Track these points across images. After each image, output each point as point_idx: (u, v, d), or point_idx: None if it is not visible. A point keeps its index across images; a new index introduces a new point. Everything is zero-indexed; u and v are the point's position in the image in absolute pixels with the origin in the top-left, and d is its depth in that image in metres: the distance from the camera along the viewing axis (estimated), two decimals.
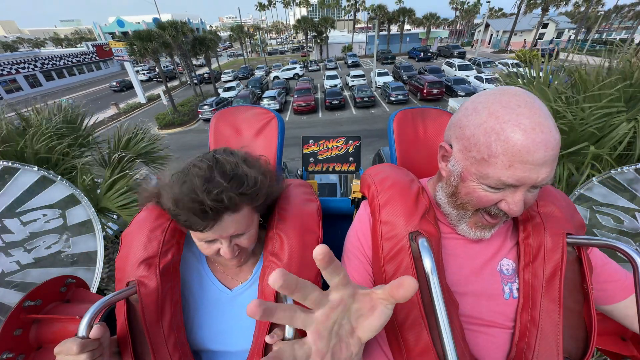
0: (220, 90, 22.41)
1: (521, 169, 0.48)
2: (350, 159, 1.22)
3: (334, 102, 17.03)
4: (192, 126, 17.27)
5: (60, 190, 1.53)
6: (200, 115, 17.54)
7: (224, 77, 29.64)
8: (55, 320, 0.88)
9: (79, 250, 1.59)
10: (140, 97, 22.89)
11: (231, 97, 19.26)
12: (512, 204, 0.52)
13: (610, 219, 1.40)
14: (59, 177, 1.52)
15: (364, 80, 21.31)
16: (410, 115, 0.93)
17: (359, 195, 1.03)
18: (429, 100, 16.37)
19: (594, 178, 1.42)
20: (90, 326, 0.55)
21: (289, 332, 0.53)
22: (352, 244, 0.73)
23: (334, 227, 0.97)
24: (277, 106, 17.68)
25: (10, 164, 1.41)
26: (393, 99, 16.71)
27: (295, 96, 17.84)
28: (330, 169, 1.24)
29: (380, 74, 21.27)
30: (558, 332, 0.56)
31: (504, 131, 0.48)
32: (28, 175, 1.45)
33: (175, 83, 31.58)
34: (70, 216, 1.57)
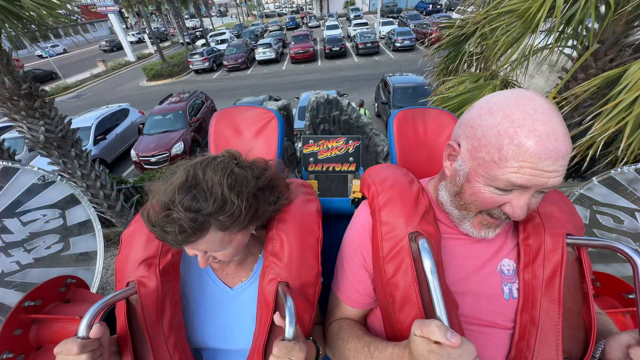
0: (212, 43, 20.94)
1: (529, 172, 0.47)
2: (350, 159, 1.22)
3: (334, 49, 15.56)
4: (182, 78, 16.44)
5: (60, 190, 1.53)
6: (190, 66, 16.63)
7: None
8: (55, 320, 0.88)
9: (79, 250, 1.60)
10: (130, 55, 21.85)
11: (223, 50, 18.05)
12: (516, 207, 0.52)
13: (610, 219, 1.40)
14: (59, 177, 1.52)
15: (367, 28, 19.35)
16: (410, 115, 0.93)
17: (359, 195, 1.03)
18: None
19: (593, 178, 1.43)
20: (90, 326, 0.55)
21: (289, 332, 0.54)
22: (350, 244, 0.73)
23: (334, 227, 0.97)
24: (272, 54, 16.43)
25: (10, 164, 1.41)
26: (398, 44, 15.39)
27: (292, 43, 16.48)
28: (330, 168, 1.24)
29: (384, 24, 19.47)
30: (558, 332, 0.56)
31: (518, 135, 0.47)
32: (28, 175, 1.45)
33: (167, 44, 29.17)
34: (70, 216, 1.57)
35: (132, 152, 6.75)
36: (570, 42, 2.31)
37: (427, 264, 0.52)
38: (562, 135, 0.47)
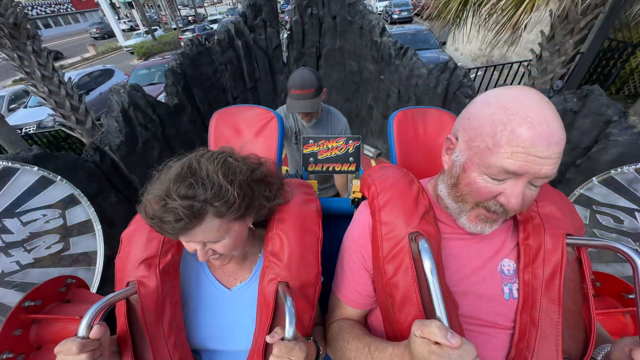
0: (204, 24, 20.55)
1: (522, 158, 0.48)
2: (350, 159, 1.22)
3: None
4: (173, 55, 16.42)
5: (60, 190, 1.53)
6: (182, 43, 16.16)
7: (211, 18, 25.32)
8: (55, 320, 0.88)
9: (79, 250, 1.60)
10: (121, 40, 20.63)
11: (215, 29, 17.74)
12: (511, 196, 0.52)
13: (610, 219, 1.40)
14: (59, 177, 1.52)
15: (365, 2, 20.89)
16: (410, 115, 0.93)
17: (359, 195, 1.03)
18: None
19: (594, 178, 1.42)
20: (90, 326, 0.55)
21: (288, 332, 0.54)
22: (350, 245, 0.73)
23: (334, 227, 0.97)
24: None
25: (10, 163, 1.41)
26: (396, 16, 15.27)
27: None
28: (330, 169, 1.24)
29: (380, 0, 19.75)
30: (558, 332, 0.56)
31: (511, 123, 0.48)
32: (28, 175, 1.45)
33: (159, 31, 27.44)
34: (70, 216, 1.57)
35: None
36: None
37: (427, 264, 0.52)
38: (554, 123, 0.48)
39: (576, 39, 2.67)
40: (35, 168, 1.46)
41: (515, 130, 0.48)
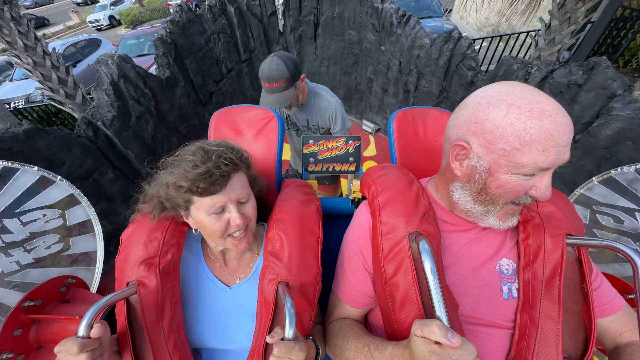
0: None
1: (554, 152, 0.49)
2: (350, 159, 1.22)
3: None
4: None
5: (60, 190, 1.53)
6: (170, 10, 15.20)
7: None
8: (55, 320, 0.88)
9: (79, 250, 1.59)
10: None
11: None
12: (542, 188, 0.53)
13: (610, 219, 1.40)
14: (59, 177, 1.52)
15: None
16: (410, 115, 0.93)
17: (359, 195, 1.03)
18: None
19: (594, 178, 1.42)
20: (90, 326, 0.55)
21: (288, 332, 0.54)
22: (350, 244, 0.73)
23: (334, 227, 0.97)
24: None
25: (10, 164, 1.41)
26: None
27: None
28: (330, 169, 1.24)
29: None
30: (558, 332, 0.56)
31: (531, 119, 0.49)
32: (28, 175, 1.45)
33: None
34: (70, 216, 1.57)
35: None
36: None
37: (428, 265, 0.51)
38: (564, 110, 0.50)
39: (589, 5, 2.50)
40: (35, 168, 1.46)
41: (539, 126, 0.49)
